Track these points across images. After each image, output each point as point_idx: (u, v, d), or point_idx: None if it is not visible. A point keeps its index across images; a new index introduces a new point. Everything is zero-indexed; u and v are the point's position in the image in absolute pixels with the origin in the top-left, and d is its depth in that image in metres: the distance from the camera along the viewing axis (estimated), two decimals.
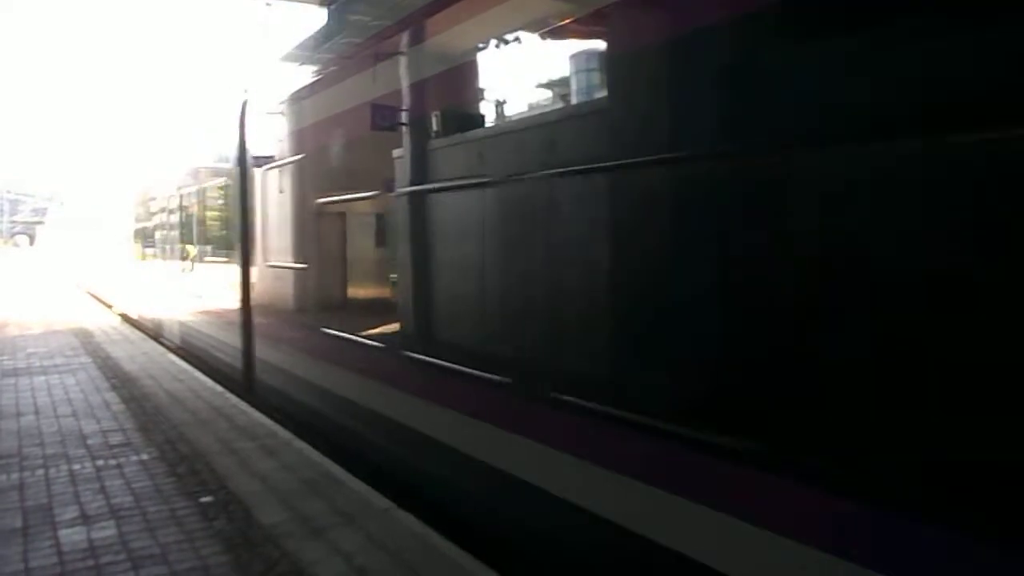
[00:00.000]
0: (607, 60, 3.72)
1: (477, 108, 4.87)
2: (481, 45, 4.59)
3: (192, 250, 11.77)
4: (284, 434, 6.71)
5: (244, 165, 8.79)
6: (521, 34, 4.25)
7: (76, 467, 5.76)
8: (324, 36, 7.04)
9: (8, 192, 64.92)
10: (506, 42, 4.31)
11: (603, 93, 3.79)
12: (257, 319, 8.65)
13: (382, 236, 6.11)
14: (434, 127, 4.90)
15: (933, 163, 2.33)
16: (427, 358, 5.08)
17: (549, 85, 4.25)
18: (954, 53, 2.24)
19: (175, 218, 13.01)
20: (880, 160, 2.45)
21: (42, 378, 9.51)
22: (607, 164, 3.55)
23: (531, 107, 4.47)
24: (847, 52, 2.53)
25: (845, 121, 2.52)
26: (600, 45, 3.79)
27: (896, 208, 2.40)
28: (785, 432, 2.72)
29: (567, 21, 3.92)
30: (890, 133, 2.41)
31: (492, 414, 4.34)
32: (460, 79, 4.89)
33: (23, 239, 69.52)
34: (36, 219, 65.43)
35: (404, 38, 5.27)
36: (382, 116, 5.42)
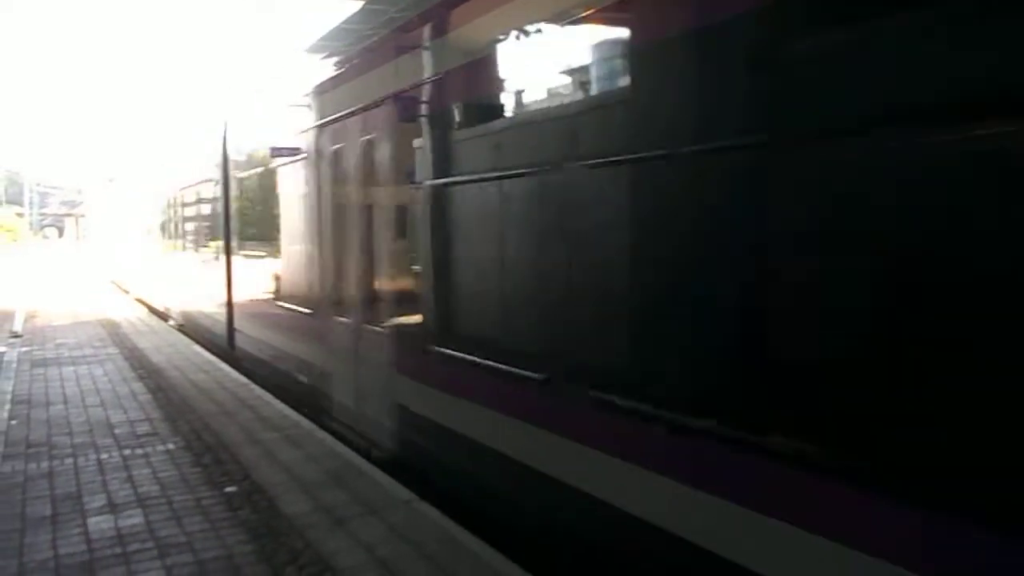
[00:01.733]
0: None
1: None
2: None
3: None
4: (307, 424, 6.76)
5: None
6: None
7: (104, 456, 5.85)
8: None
9: (38, 184, 65.90)
10: None
11: None
12: None
13: None
14: None
15: None
16: None
17: None
18: None
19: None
20: None
21: (71, 368, 9.66)
22: None
23: None
24: None
25: None
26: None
27: None
28: None
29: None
30: None
31: None
32: None
33: (52, 231, 70.66)
34: (65, 211, 66.42)
35: None
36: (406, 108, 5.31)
